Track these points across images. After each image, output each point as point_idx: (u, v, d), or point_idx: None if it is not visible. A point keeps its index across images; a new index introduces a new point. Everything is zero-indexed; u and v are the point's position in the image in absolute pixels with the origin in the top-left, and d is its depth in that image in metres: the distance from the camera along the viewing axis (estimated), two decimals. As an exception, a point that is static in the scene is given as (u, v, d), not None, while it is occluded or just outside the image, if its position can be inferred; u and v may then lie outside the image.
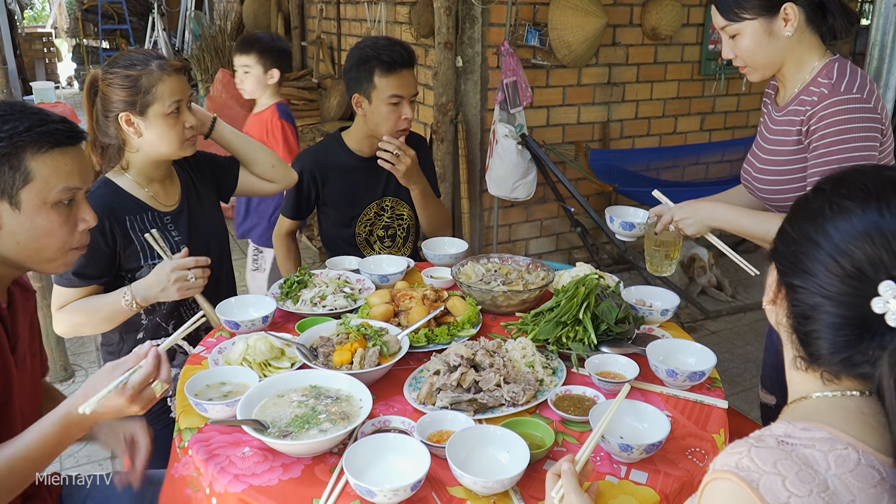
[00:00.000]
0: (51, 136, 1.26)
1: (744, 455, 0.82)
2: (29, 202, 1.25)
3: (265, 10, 6.49)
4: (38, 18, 16.99)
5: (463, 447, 1.24)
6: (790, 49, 1.65)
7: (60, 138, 1.27)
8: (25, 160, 1.23)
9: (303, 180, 2.32)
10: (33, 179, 1.24)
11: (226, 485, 1.22)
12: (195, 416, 1.41)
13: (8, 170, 1.22)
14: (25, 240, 1.27)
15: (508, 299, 1.82)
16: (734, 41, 1.66)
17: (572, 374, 1.57)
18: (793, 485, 0.78)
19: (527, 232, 4.20)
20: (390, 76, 2.20)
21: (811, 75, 1.66)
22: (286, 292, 1.90)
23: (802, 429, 0.86)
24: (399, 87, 2.21)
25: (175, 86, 1.80)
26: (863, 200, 0.85)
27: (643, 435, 1.32)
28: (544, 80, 3.92)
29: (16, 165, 1.22)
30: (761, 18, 1.61)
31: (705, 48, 4.36)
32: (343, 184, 2.36)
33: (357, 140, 2.37)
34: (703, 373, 1.49)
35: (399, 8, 4.31)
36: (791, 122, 1.68)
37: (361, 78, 2.23)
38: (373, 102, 2.24)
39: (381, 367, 1.49)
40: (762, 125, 1.85)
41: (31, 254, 1.29)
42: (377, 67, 2.20)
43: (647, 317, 1.79)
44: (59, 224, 1.29)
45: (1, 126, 1.22)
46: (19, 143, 1.22)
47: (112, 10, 11.40)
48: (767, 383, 1.96)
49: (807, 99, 1.64)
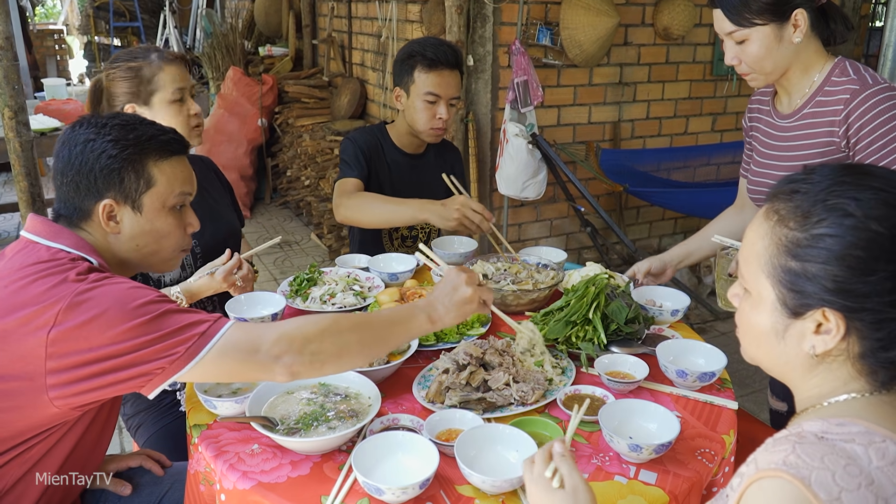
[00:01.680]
0: (169, 144, 1.36)
1: (789, 452, 0.82)
2: (150, 206, 1.33)
3: (276, 8, 6.50)
4: (50, 15, 17.08)
5: (472, 446, 1.24)
6: (797, 54, 1.62)
7: (177, 147, 1.38)
8: (148, 166, 1.32)
9: (364, 151, 2.30)
10: (155, 184, 1.33)
11: (234, 481, 1.22)
12: (204, 412, 1.42)
13: (133, 175, 1.30)
14: (144, 242, 1.35)
15: (518, 298, 1.81)
16: (741, 47, 1.62)
17: (581, 374, 1.57)
18: (842, 479, 0.78)
19: (536, 231, 4.19)
20: (430, 73, 2.19)
21: (821, 78, 1.64)
22: (295, 290, 1.91)
23: (838, 424, 0.86)
24: (437, 86, 2.19)
25: (176, 73, 1.84)
26: None
27: (653, 435, 1.31)
28: (555, 80, 3.91)
29: (140, 171, 1.31)
30: (772, 24, 1.58)
31: (717, 48, 4.33)
32: (386, 175, 2.35)
33: (399, 135, 2.37)
34: (713, 373, 1.48)
35: (410, 6, 4.30)
36: (813, 125, 1.65)
37: (404, 71, 2.23)
38: (410, 97, 2.24)
39: (390, 366, 1.49)
40: (759, 135, 1.82)
41: (147, 255, 1.37)
42: (419, 63, 2.19)
43: (658, 317, 1.78)
44: (175, 226, 1.38)
45: (126, 135, 1.30)
46: (144, 150, 1.31)
47: (124, 7, 11.44)
48: (778, 390, 1.93)
49: (828, 99, 1.61)
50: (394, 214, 2.11)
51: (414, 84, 2.21)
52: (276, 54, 6.37)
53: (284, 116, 5.57)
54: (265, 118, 5.70)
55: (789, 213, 0.90)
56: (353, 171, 2.28)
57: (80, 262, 1.22)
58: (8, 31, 2.78)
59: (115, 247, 1.34)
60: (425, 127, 2.25)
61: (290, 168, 5.40)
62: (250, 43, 6.95)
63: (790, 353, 0.94)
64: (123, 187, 1.30)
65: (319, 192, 4.84)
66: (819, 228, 0.87)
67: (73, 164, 1.28)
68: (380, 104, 4.91)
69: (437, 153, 2.45)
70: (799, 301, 0.90)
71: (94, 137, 1.29)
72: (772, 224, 0.92)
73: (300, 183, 5.19)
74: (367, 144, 2.32)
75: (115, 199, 1.30)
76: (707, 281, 4.04)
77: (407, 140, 2.37)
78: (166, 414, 1.89)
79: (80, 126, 1.32)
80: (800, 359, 0.93)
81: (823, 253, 0.87)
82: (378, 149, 2.35)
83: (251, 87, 5.65)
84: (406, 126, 2.32)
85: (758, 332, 0.97)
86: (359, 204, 2.15)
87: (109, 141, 1.29)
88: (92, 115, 1.35)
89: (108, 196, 1.30)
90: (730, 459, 1.37)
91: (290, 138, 5.47)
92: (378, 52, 4.80)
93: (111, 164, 1.28)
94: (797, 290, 0.89)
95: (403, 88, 2.26)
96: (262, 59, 6.36)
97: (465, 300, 1.33)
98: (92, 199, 1.30)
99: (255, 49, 6.80)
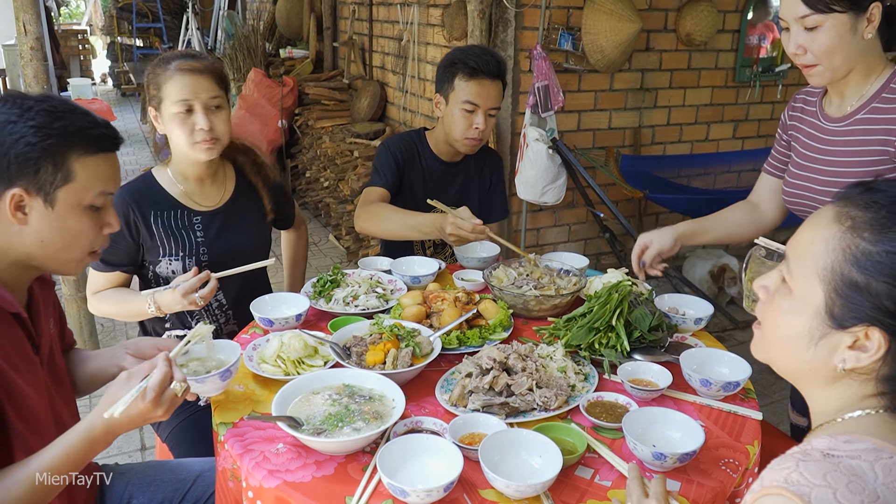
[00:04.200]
0: (98, 140, 1.26)
1: (792, 470, 0.82)
2: (64, 202, 1.23)
3: (297, 10, 6.55)
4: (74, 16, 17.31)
5: (495, 450, 1.24)
6: (863, 53, 1.54)
7: (106, 144, 1.28)
8: (70, 160, 1.22)
9: (398, 160, 2.31)
10: (74, 180, 1.23)
11: (261, 479, 1.24)
12: (230, 410, 1.43)
13: (51, 167, 1.20)
14: (51, 239, 1.25)
15: (540, 304, 1.82)
16: (811, 35, 1.51)
17: (604, 381, 1.57)
18: (844, 497, 0.77)
19: (555, 236, 4.19)
20: (470, 81, 2.17)
21: (879, 83, 1.58)
22: (319, 291, 1.92)
23: (845, 441, 0.85)
24: (475, 95, 2.18)
25: (185, 85, 1.81)
26: None
27: (677, 444, 1.31)
28: (576, 85, 3.91)
29: (60, 164, 1.21)
30: (850, 13, 1.47)
31: (740, 55, 4.31)
32: (422, 181, 2.35)
33: (437, 142, 2.38)
34: (737, 383, 1.48)
35: (432, 10, 4.32)
36: (867, 132, 1.59)
37: (445, 79, 2.23)
38: (448, 104, 2.24)
39: (413, 368, 1.50)
40: (801, 136, 1.76)
41: (52, 253, 1.27)
42: (460, 70, 2.18)
43: (681, 325, 1.78)
44: (89, 226, 1.29)
45: (52, 123, 1.21)
46: (68, 143, 1.22)
47: (147, 8, 11.58)
48: (799, 405, 1.90)
49: (886, 107, 1.56)
50: (405, 230, 2.14)
51: (453, 91, 2.21)
52: (297, 56, 6.42)
53: (304, 118, 5.61)
54: (285, 119, 5.74)
55: (865, 223, 0.87)
56: (379, 180, 2.29)
57: None
58: (38, 33, 2.83)
59: (14, 240, 1.24)
60: (461, 136, 2.24)
61: (309, 169, 5.44)
62: (271, 45, 7.01)
63: (817, 362, 0.92)
64: (38, 178, 1.20)
65: (338, 194, 4.87)
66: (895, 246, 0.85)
67: None
68: (399, 107, 4.93)
69: (477, 160, 2.44)
70: (848, 313, 0.87)
71: (15, 120, 1.18)
72: (842, 229, 0.88)
73: (319, 184, 5.22)
74: (403, 150, 2.33)
75: (27, 190, 1.20)
76: (730, 291, 4.01)
77: (444, 148, 2.37)
78: (188, 406, 1.90)
79: (3, 104, 1.20)
80: (825, 370, 0.91)
81: (893, 272, 0.84)
82: (414, 154, 2.36)
83: (272, 89, 5.69)
84: (444, 134, 2.32)
85: (788, 332, 0.94)
86: (374, 216, 2.18)
87: (31, 127, 1.18)
88: (18, 93, 1.24)
89: (19, 185, 1.19)
90: (753, 470, 1.36)
91: (309, 140, 5.51)
92: (399, 55, 4.82)
93: (28, 153, 1.18)
94: (850, 302, 0.87)
95: (443, 95, 2.26)
96: (283, 61, 6.41)
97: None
98: (1, 187, 1.19)
99: (276, 51, 6.86)
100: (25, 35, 2.80)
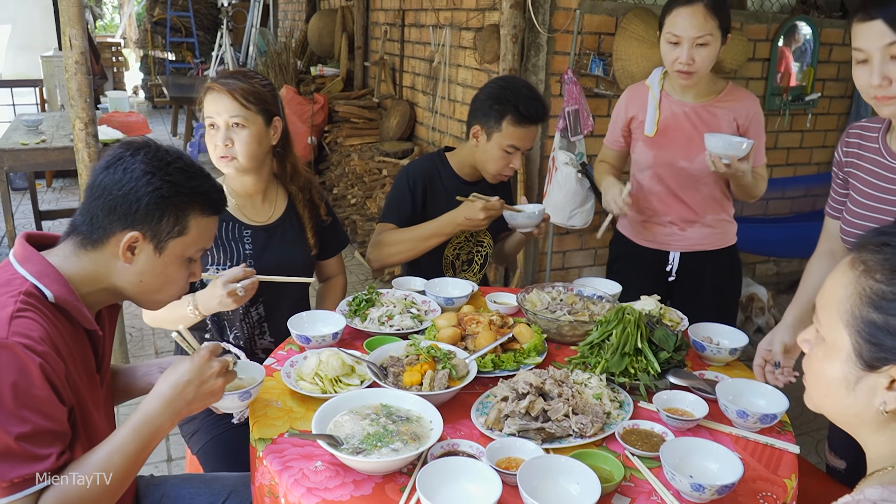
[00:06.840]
0: (216, 203, 1.39)
1: None
2: (171, 251, 1.34)
3: (329, 29, 6.65)
4: (108, 28, 17.70)
5: (533, 475, 1.25)
6: None
7: (220, 208, 1.41)
8: (189, 217, 1.34)
9: (416, 190, 2.34)
10: (186, 234, 1.34)
11: (299, 497, 1.25)
12: (268, 426, 1.45)
13: (173, 220, 1.31)
14: (149, 281, 1.35)
15: (574, 329, 1.82)
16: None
17: (639, 409, 1.57)
18: None
19: (580, 260, 4.19)
20: (518, 127, 2.21)
21: None
22: (354, 310, 1.94)
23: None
24: (520, 140, 2.24)
25: (211, 102, 1.92)
26: None
27: (714, 475, 1.31)
28: (606, 110, 3.93)
29: (180, 218, 1.32)
30: None
31: (770, 83, 4.31)
32: (446, 204, 2.35)
33: (461, 164, 2.41)
34: (775, 415, 1.48)
35: (464, 33, 4.37)
36: None
37: (490, 115, 2.24)
38: (491, 141, 2.26)
39: (450, 391, 1.51)
40: (862, 173, 1.67)
41: (146, 292, 1.36)
42: (511, 114, 2.20)
43: (715, 355, 1.78)
44: (182, 276, 1.40)
45: (186, 182, 1.32)
46: (193, 202, 1.34)
47: (180, 23, 11.82)
48: (837, 446, 1.86)
49: None
50: (424, 243, 2.22)
51: (500, 132, 2.23)
52: (328, 74, 6.51)
53: (334, 135, 5.68)
54: (315, 136, 5.81)
55: (877, 265, 0.90)
56: (391, 216, 2.34)
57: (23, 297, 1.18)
58: (83, 46, 2.90)
59: (113, 273, 1.32)
60: (496, 172, 2.31)
61: (336, 186, 5.50)
62: (302, 62, 7.12)
63: (860, 407, 0.93)
64: (158, 227, 1.30)
65: (365, 212, 4.91)
66: None
67: (121, 187, 1.27)
68: (428, 127, 4.98)
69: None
70: (875, 354, 0.89)
71: (154, 171, 1.28)
72: (857, 273, 0.92)
73: (346, 201, 5.28)
74: (423, 175, 2.36)
75: (144, 234, 1.30)
76: (758, 321, 3.98)
77: (469, 170, 2.41)
78: (221, 422, 1.92)
79: (143, 153, 1.30)
80: (870, 413, 0.92)
81: None
82: (435, 177, 2.39)
83: (303, 106, 5.77)
84: (472, 159, 2.36)
85: (827, 380, 0.96)
86: (387, 248, 2.27)
87: (168, 182, 1.29)
88: (157, 146, 1.34)
89: (139, 229, 1.29)
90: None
91: (338, 157, 5.57)
92: (429, 76, 4.88)
93: (159, 203, 1.29)
94: (875, 343, 0.89)
95: (485, 130, 2.27)
96: (314, 79, 6.51)
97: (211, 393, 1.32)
98: (121, 226, 1.28)
99: (306, 68, 6.96)
100: (71, 49, 2.88)
